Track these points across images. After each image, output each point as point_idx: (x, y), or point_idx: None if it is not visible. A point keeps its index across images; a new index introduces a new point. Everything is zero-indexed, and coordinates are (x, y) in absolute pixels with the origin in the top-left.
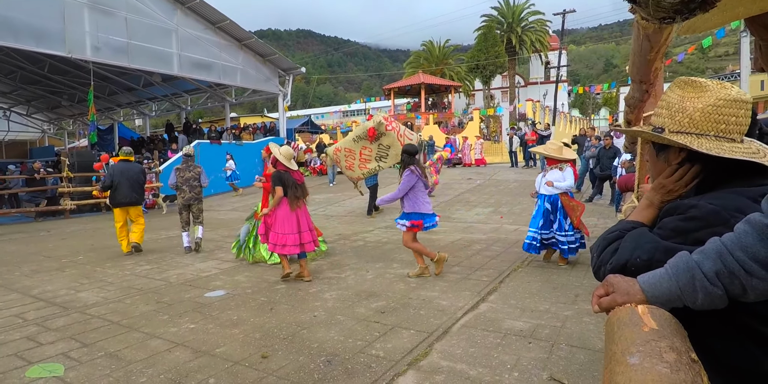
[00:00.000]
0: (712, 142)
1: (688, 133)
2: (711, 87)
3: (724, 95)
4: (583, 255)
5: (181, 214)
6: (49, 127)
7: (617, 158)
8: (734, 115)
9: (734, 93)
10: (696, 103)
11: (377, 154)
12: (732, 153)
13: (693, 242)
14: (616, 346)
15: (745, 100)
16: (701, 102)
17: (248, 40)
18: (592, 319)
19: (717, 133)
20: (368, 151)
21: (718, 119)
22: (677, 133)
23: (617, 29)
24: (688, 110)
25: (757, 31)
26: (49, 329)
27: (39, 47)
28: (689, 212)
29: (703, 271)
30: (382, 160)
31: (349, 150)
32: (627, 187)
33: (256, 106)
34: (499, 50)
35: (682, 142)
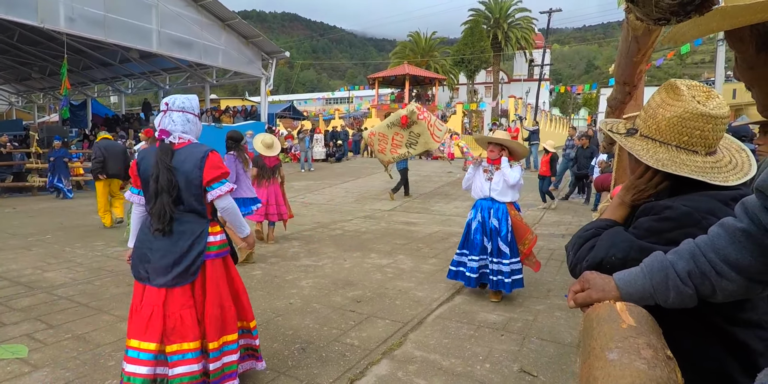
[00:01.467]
0: (670, 152)
1: (653, 139)
2: (685, 97)
3: (692, 108)
4: (556, 251)
5: None
6: (17, 99)
7: (594, 158)
8: (699, 129)
9: (704, 108)
10: (666, 111)
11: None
12: (680, 167)
13: (667, 242)
14: (595, 341)
15: (715, 115)
16: (670, 112)
17: (232, 20)
18: (563, 313)
19: (679, 144)
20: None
21: (681, 131)
22: (645, 137)
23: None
24: (658, 117)
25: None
26: (13, 309)
27: (8, 15)
28: (664, 213)
29: (677, 270)
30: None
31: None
32: (603, 186)
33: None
34: (485, 45)
35: (637, 149)
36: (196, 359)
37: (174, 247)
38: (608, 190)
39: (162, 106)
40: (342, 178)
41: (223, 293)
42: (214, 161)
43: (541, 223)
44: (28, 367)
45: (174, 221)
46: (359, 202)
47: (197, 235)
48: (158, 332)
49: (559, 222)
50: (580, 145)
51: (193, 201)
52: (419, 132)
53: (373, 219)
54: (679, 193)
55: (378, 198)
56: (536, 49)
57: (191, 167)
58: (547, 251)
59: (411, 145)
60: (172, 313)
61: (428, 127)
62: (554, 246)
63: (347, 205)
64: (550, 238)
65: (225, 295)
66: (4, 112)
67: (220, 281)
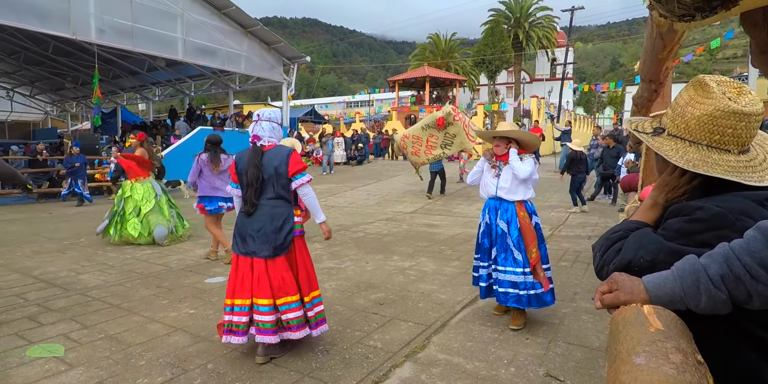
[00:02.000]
0: (701, 151)
1: (681, 139)
2: (715, 94)
3: (724, 106)
4: (582, 253)
5: None
6: (52, 108)
7: (621, 158)
8: (731, 127)
9: (735, 105)
10: (695, 109)
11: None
12: (712, 167)
13: (697, 244)
14: (621, 345)
15: (748, 112)
16: (700, 110)
17: (253, 27)
18: (590, 317)
19: (710, 143)
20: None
21: (712, 130)
22: (673, 136)
23: (625, 28)
24: (687, 116)
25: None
26: (50, 310)
27: (43, 28)
28: (695, 214)
29: (709, 274)
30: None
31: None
32: (630, 187)
33: (260, 94)
34: (506, 45)
35: (665, 149)
36: (298, 308)
37: (270, 226)
38: (635, 191)
39: (254, 117)
40: (363, 181)
41: (306, 260)
42: (297, 158)
43: (566, 224)
44: (64, 366)
45: (260, 206)
46: (381, 205)
47: (286, 217)
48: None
49: (585, 223)
50: (605, 145)
51: (281, 189)
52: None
53: (394, 221)
54: (711, 193)
55: (399, 200)
56: (558, 47)
57: (279, 163)
58: (572, 253)
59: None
60: (276, 276)
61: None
62: (580, 248)
63: (369, 208)
64: (575, 239)
65: (308, 262)
66: (40, 120)
67: (303, 251)
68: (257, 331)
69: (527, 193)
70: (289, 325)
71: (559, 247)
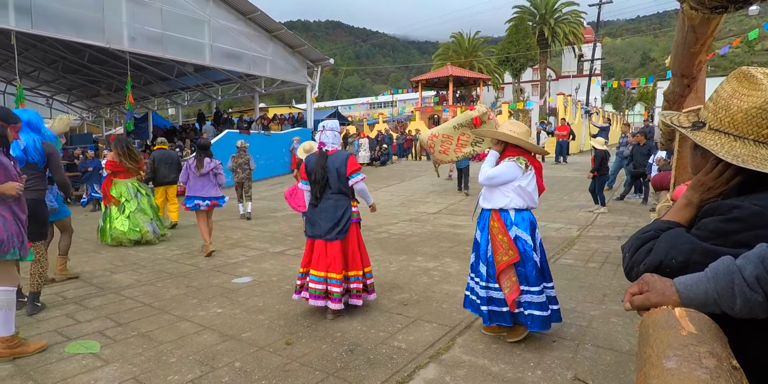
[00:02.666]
0: (749, 146)
1: (725, 133)
2: (764, 86)
3: None
4: (612, 254)
5: (237, 190)
6: (88, 114)
7: (652, 155)
8: None
9: None
10: (742, 102)
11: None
12: (762, 163)
13: (734, 244)
14: (651, 348)
15: None
16: (747, 102)
17: (278, 31)
18: (620, 319)
19: (758, 138)
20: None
21: (761, 123)
22: (716, 130)
23: (656, 21)
24: (732, 109)
25: None
26: (86, 308)
27: (79, 37)
28: (731, 213)
29: (744, 275)
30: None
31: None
32: (662, 185)
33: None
34: (531, 42)
35: (710, 144)
36: (361, 281)
37: (334, 215)
38: (667, 189)
39: (319, 127)
40: (387, 182)
41: (361, 241)
42: (353, 161)
43: (594, 224)
44: (100, 362)
45: (325, 199)
46: (404, 206)
47: (345, 208)
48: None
49: (615, 223)
50: (635, 143)
51: (342, 186)
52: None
53: (418, 222)
54: (748, 192)
55: (423, 201)
56: (586, 43)
57: (340, 165)
58: (601, 254)
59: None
60: (353, 252)
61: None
62: (610, 249)
63: (393, 209)
64: (604, 240)
65: (362, 243)
66: (77, 126)
67: (359, 235)
68: (330, 300)
69: (503, 201)
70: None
71: (587, 247)
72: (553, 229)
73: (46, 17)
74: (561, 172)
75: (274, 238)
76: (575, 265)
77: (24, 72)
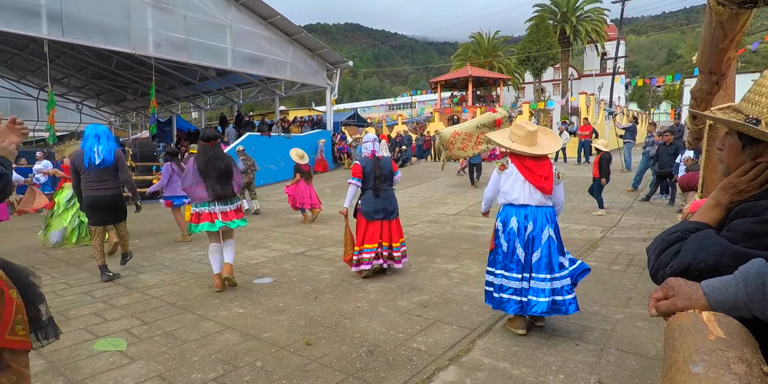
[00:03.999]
0: None
1: None
2: None
3: None
4: (637, 257)
5: (244, 189)
6: (115, 119)
7: (679, 155)
8: None
9: None
10: None
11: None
12: None
13: (766, 247)
14: (677, 353)
15: None
16: None
17: (298, 34)
18: (645, 324)
19: None
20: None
21: None
22: None
23: (682, 17)
24: None
25: None
26: (114, 307)
27: (107, 44)
28: (765, 214)
29: None
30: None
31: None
32: (690, 186)
33: (304, 99)
34: (552, 41)
35: None
36: (405, 246)
37: (393, 201)
38: (695, 190)
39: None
40: (406, 183)
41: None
42: (394, 163)
43: (618, 226)
44: (126, 359)
45: (383, 190)
46: (423, 207)
47: (394, 197)
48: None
49: (640, 225)
50: (662, 142)
51: (391, 181)
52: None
53: (437, 223)
54: None
55: (443, 202)
56: (609, 41)
57: (390, 165)
58: (626, 256)
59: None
60: (394, 229)
61: None
62: (634, 251)
63: (412, 210)
64: (629, 242)
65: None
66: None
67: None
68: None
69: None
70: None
71: (611, 249)
72: (576, 230)
73: (76, 25)
74: (583, 173)
75: (295, 239)
76: (599, 268)
77: (55, 78)
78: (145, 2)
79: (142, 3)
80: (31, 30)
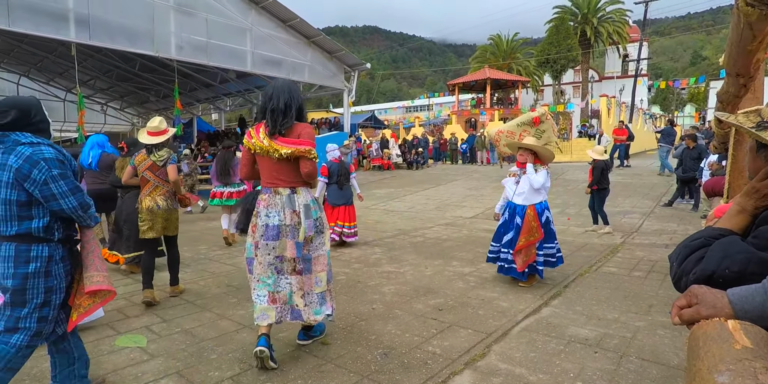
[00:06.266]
0: None
1: None
2: None
3: None
4: (658, 263)
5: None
6: (138, 120)
7: (703, 160)
8: None
9: None
10: None
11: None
12: None
13: None
14: (702, 362)
15: None
16: None
17: (316, 37)
18: (667, 332)
19: None
20: (526, 133)
21: None
22: None
23: (709, 18)
24: None
25: None
26: (135, 304)
27: (131, 47)
28: None
29: None
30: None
31: (511, 132)
32: (714, 191)
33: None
34: (572, 43)
35: None
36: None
37: (351, 193)
38: (720, 195)
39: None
40: (422, 186)
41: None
42: (352, 167)
43: (640, 231)
44: (146, 356)
45: (344, 187)
46: (440, 210)
47: (350, 190)
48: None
49: (662, 231)
50: (685, 146)
51: (348, 178)
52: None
53: (454, 226)
54: None
55: (459, 205)
56: (631, 42)
57: (347, 167)
58: (647, 263)
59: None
60: (351, 213)
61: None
62: (656, 257)
63: (428, 213)
64: (650, 248)
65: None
66: (128, 132)
67: None
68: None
69: (538, 198)
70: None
71: (632, 255)
72: (595, 235)
73: (102, 29)
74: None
75: None
76: (619, 274)
77: (82, 81)
78: (168, 6)
79: (165, 7)
80: (59, 34)
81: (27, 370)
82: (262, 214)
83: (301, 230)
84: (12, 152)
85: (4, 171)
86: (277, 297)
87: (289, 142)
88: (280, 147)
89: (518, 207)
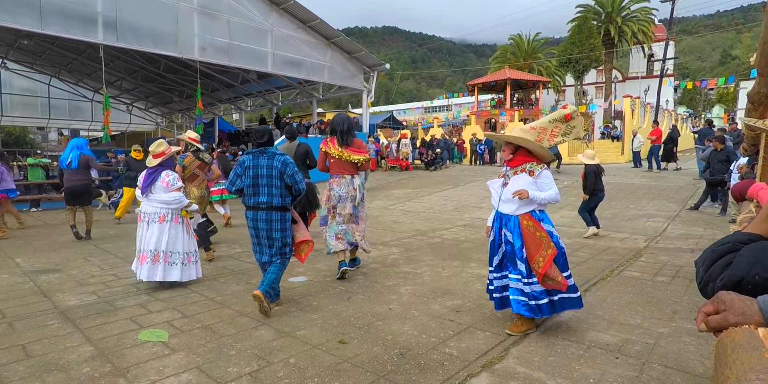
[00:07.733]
0: None
1: None
2: None
3: None
4: (683, 268)
5: None
6: (162, 120)
7: (733, 162)
8: None
9: None
10: None
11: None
12: None
13: None
14: (730, 370)
15: None
16: None
17: (336, 38)
18: (692, 339)
19: None
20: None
21: None
22: None
23: (739, 16)
24: None
25: None
26: (157, 299)
27: (156, 49)
28: None
29: None
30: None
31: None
32: (743, 195)
33: (341, 101)
34: (595, 42)
35: None
36: None
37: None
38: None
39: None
40: (440, 187)
41: None
42: None
43: (664, 235)
44: (167, 350)
45: None
46: (458, 211)
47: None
48: None
49: (687, 235)
50: (713, 148)
51: None
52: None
53: (472, 228)
54: None
55: (478, 206)
56: (657, 42)
57: None
58: (672, 268)
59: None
60: None
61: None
62: (681, 262)
63: (446, 214)
64: (676, 253)
65: None
66: (152, 131)
67: None
68: None
69: (530, 207)
70: None
71: (656, 260)
72: (618, 239)
73: (129, 32)
74: (628, 179)
75: None
76: (642, 278)
77: (109, 81)
78: (192, 8)
79: (189, 9)
80: (88, 36)
81: (54, 361)
82: (335, 189)
83: (357, 197)
84: (274, 158)
85: (273, 169)
86: (340, 236)
87: (355, 151)
88: (351, 154)
89: (506, 217)
